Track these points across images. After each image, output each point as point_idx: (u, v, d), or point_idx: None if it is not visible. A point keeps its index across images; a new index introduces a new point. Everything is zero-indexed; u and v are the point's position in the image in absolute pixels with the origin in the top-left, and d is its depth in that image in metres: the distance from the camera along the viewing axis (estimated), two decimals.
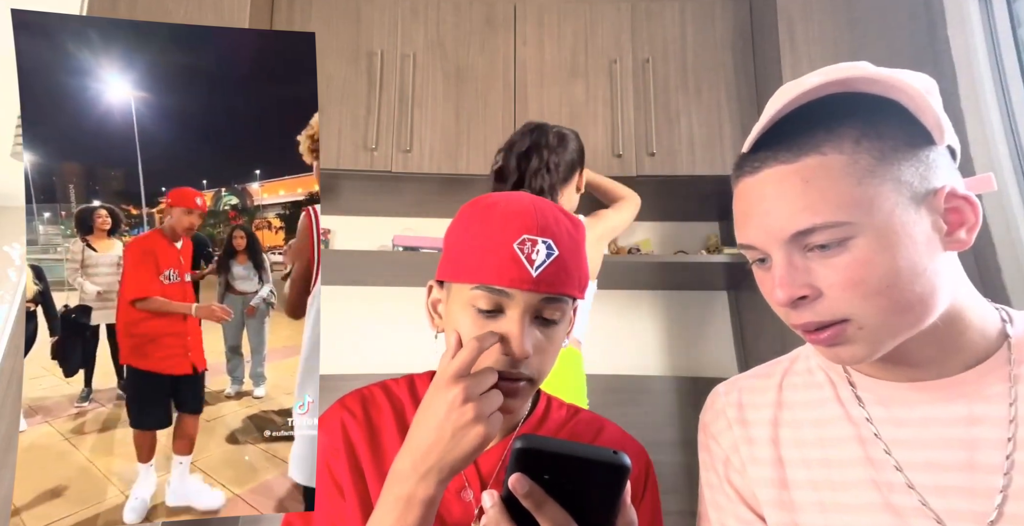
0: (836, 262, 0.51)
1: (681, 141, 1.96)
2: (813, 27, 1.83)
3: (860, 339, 0.52)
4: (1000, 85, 1.54)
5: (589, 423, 0.75)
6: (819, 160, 0.52)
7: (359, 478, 0.67)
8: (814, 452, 0.60)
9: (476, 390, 0.55)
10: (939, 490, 0.53)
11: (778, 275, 0.53)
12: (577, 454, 0.46)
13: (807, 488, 0.59)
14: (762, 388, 0.67)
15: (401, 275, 2.11)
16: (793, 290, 0.52)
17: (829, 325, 0.52)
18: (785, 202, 0.52)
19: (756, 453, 0.64)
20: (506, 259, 0.60)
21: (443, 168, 1.92)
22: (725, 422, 0.67)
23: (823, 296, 0.52)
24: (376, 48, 1.98)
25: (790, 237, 0.52)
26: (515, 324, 0.60)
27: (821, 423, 0.61)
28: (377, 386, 0.75)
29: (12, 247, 3.79)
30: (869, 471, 0.56)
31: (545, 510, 0.46)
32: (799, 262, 0.53)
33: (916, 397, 0.56)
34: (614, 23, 2.05)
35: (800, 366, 0.67)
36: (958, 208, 0.53)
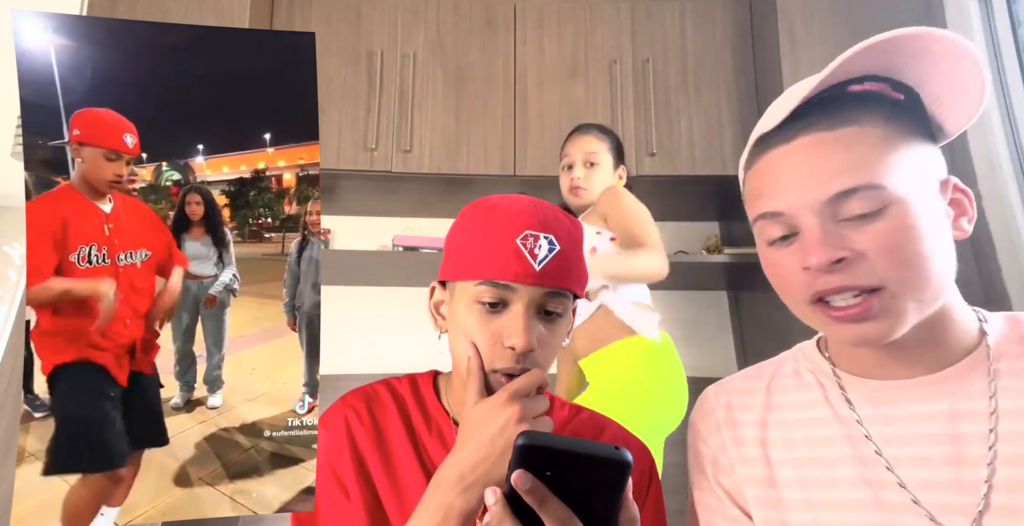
0: (874, 228, 0.52)
1: (681, 141, 1.96)
2: (813, 27, 1.83)
3: (888, 313, 0.53)
4: (1000, 85, 1.54)
5: (591, 422, 0.75)
6: (857, 129, 0.54)
7: (364, 477, 0.67)
8: (803, 451, 0.61)
9: (531, 412, 0.58)
10: (928, 485, 0.54)
11: (812, 240, 0.53)
12: (579, 450, 0.47)
13: (795, 487, 0.60)
14: (751, 390, 0.68)
15: (401, 275, 2.11)
16: (832, 251, 0.52)
17: (861, 294, 0.53)
18: (827, 164, 0.54)
19: (744, 453, 0.65)
20: (509, 254, 0.62)
21: (443, 168, 1.92)
22: (714, 423, 0.68)
23: (863, 259, 0.52)
24: (376, 48, 1.98)
25: (828, 199, 0.53)
26: (519, 318, 0.61)
27: (810, 423, 0.62)
28: (380, 384, 0.75)
29: (12, 247, 3.79)
30: (859, 469, 0.57)
31: (548, 506, 0.47)
32: (832, 228, 0.53)
33: (903, 395, 0.58)
34: (614, 23, 2.05)
35: (788, 368, 0.68)
36: (959, 200, 0.56)
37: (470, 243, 0.65)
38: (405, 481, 0.67)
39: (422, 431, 0.70)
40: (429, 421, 0.71)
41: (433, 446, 0.69)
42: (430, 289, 0.72)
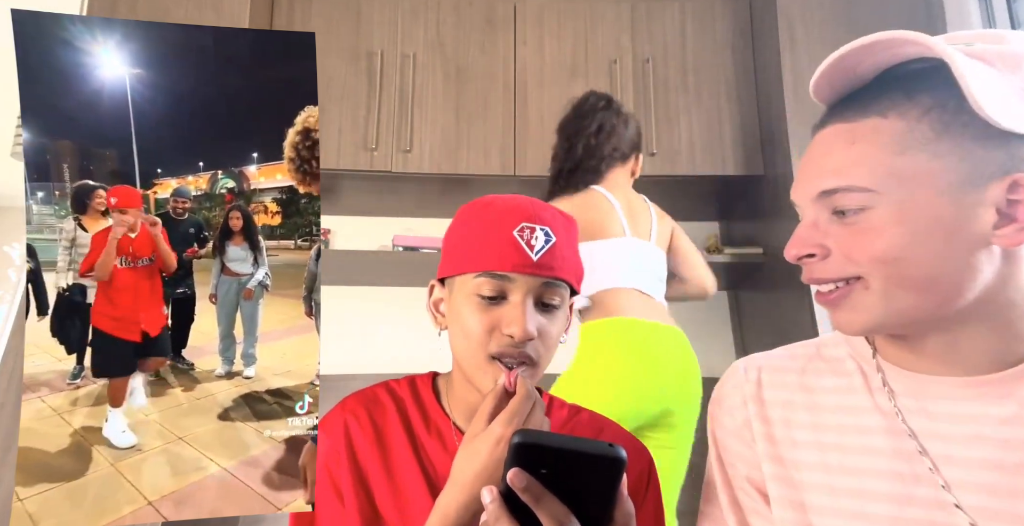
0: (849, 227, 0.53)
1: (681, 141, 1.96)
2: (813, 27, 1.83)
3: (859, 305, 0.54)
4: None
5: (590, 423, 0.75)
6: (877, 123, 0.52)
7: (360, 483, 0.67)
8: (831, 437, 0.60)
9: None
10: (971, 488, 0.52)
11: (796, 231, 0.56)
12: (574, 448, 0.47)
13: (818, 470, 0.59)
14: (784, 368, 0.67)
15: (401, 275, 2.11)
16: (800, 248, 0.55)
17: (838, 283, 0.54)
18: (824, 160, 0.55)
19: (768, 431, 0.64)
20: (507, 245, 0.63)
21: (443, 168, 1.92)
22: (740, 398, 0.67)
23: (831, 256, 0.54)
24: (376, 48, 1.98)
25: (817, 195, 0.55)
26: (518, 307, 0.62)
27: (845, 410, 0.61)
28: (379, 386, 0.75)
29: (12, 247, 3.80)
30: (895, 463, 0.56)
31: (544, 504, 0.47)
32: (823, 223, 0.55)
33: (953, 392, 0.56)
34: (614, 23, 2.05)
35: (828, 352, 0.66)
36: (1020, 202, 0.50)
37: (467, 238, 0.66)
38: (405, 484, 0.67)
39: (422, 433, 0.70)
40: (429, 423, 0.71)
41: (433, 448, 0.69)
42: (429, 287, 0.72)
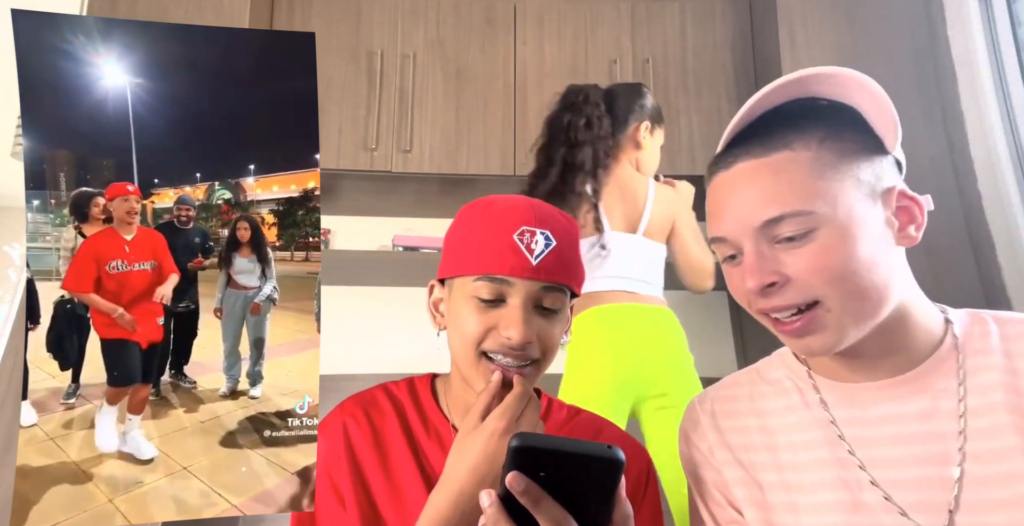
0: (802, 251, 0.55)
1: (681, 141, 1.96)
2: (813, 27, 1.83)
3: (829, 326, 0.56)
4: (1000, 85, 1.54)
5: (589, 424, 0.75)
6: (788, 155, 0.56)
7: (360, 485, 0.67)
8: (786, 456, 0.63)
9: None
10: (900, 484, 0.56)
11: (747, 263, 0.57)
12: (572, 450, 0.47)
13: (780, 490, 0.62)
14: (734, 397, 0.70)
15: (401, 275, 2.11)
16: (763, 277, 0.56)
17: (800, 312, 0.56)
18: (757, 192, 0.57)
19: (731, 457, 0.66)
20: (506, 249, 0.62)
21: (443, 168, 1.92)
22: (702, 431, 0.70)
23: (791, 282, 0.56)
24: (376, 48, 1.98)
25: (760, 225, 0.56)
26: (516, 311, 0.62)
27: (791, 428, 0.64)
28: (378, 388, 0.75)
29: (12, 247, 3.80)
30: (837, 471, 0.59)
31: (542, 507, 0.47)
32: (767, 252, 0.56)
33: (873, 397, 0.60)
34: (614, 23, 2.05)
35: (769, 375, 0.70)
36: (907, 208, 0.58)
37: (468, 239, 0.66)
38: (404, 486, 0.67)
39: (420, 435, 0.70)
40: (427, 425, 0.71)
41: (432, 449, 0.69)
42: (429, 287, 0.72)
